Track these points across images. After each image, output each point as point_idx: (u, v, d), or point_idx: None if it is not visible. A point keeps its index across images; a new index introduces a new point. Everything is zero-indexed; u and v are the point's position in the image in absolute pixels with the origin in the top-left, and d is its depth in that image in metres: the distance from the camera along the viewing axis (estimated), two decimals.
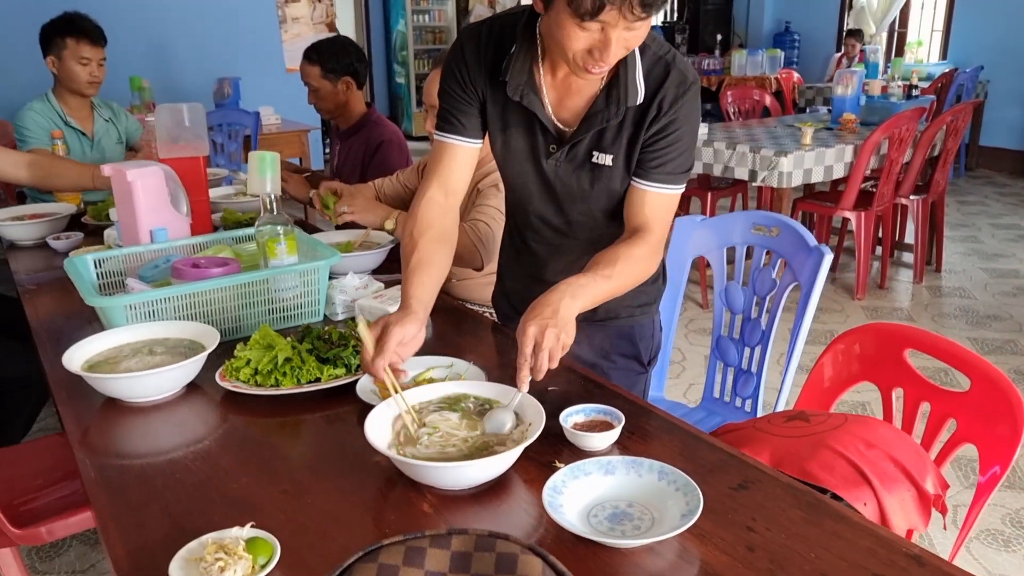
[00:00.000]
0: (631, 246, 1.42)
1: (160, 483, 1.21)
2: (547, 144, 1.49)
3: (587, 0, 1.18)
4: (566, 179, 1.51)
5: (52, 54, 3.03)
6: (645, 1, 1.18)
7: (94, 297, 1.61)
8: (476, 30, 1.49)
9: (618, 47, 1.26)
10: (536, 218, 1.60)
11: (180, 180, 2.07)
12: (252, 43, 6.16)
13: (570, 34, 1.25)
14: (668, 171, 1.45)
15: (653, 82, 1.40)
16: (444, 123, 1.52)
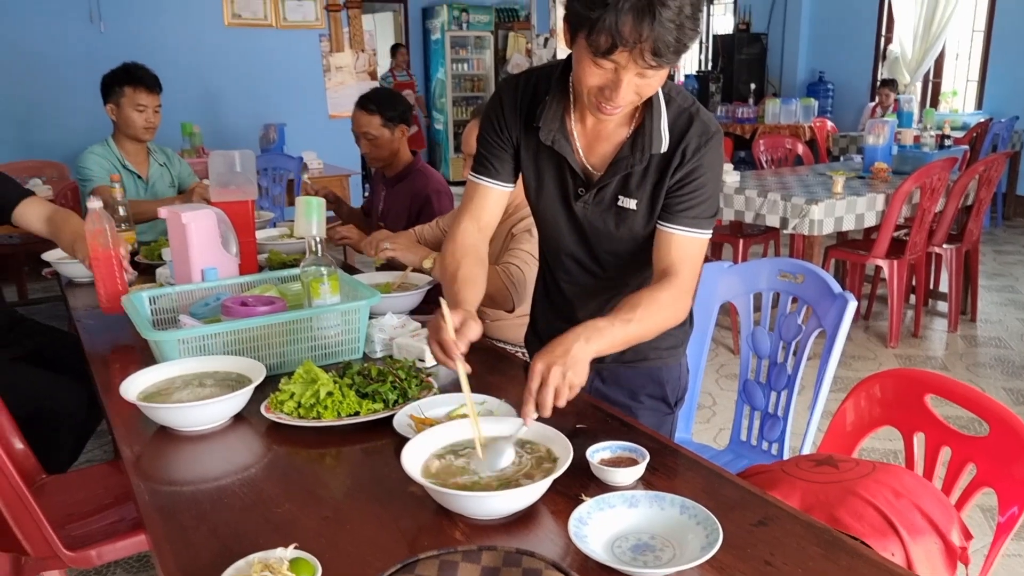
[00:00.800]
0: (655, 291, 1.46)
1: (209, 507, 1.29)
2: (576, 187, 1.57)
3: (601, 38, 1.26)
4: (594, 220, 1.58)
5: (112, 102, 3.20)
6: (656, 50, 1.25)
7: (150, 331, 1.71)
8: (514, 81, 1.60)
9: (628, 90, 1.34)
10: (567, 257, 1.68)
11: (230, 222, 2.18)
12: (298, 91, 6.39)
13: (586, 69, 1.34)
14: (693, 215, 1.50)
15: (677, 132, 1.48)
16: (480, 167, 1.63)
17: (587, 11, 1.26)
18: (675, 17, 1.24)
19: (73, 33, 5.52)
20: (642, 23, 1.23)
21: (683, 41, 1.27)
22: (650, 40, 1.24)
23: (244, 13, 6.10)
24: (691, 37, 1.28)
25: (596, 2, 1.25)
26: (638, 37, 1.24)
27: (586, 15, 1.27)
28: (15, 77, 5.06)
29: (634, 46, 1.25)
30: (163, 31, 5.77)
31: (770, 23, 9.61)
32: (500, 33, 10.47)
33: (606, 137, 1.53)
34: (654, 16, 1.22)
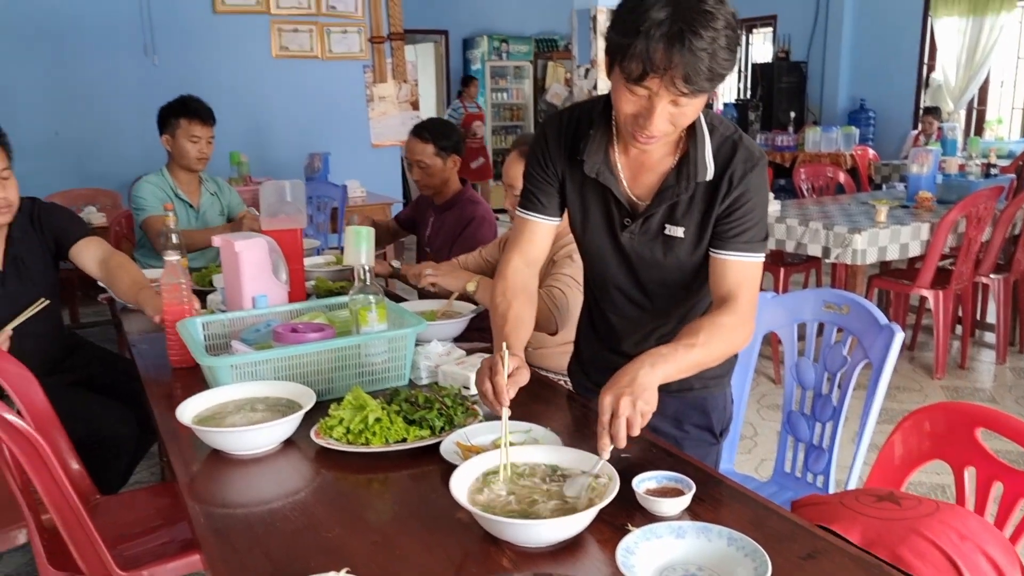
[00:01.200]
0: (717, 316, 1.49)
1: (261, 530, 1.32)
2: (622, 217, 1.59)
3: (633, 64, 1.30)
4: (640, 250, 1.60)
5: (167, 133, 3.31)
6: (688, 77, 1.28)
7: (205, 357, 1.76)
8: (557, 118, 1.64)
9: (662, 119, 1.36)
10: (614, 288, 1.70)
11: (280, 250, 2.24)
12: (342, 120, 6.51)
13: (621, 97, 1.38)
14: (745, 240, 1.52)
15: (722, 160, 1.51)
16: (527, 202, 1.67)
17: (621, 38, 1.31)
18: (708, 46, 1.26)
19: (128, 66, 5.70)
20: (672, 50, 1.26)
21: (716, 70, 1.29)
22: (681, 67, 1.27)
23: (291, 46, 6.26)
24: (725, 67, 1.30)
25: (630, 29, 1.29)
26: (668, 64, 1.27)
27: (620, 42, 1.32)
28: (72, 109, 5.23)
29: (664, 72, 1.28)
30: (214, 64, 5.95)
31: (810, 51, 9.59)
32: (539, 63, 10.58)
33: (651, 167, 1.55)
34: (684, 43, 1.26)
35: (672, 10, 1.26)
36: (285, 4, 6.19)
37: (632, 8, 1.30)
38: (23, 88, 5.10)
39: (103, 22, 5.61)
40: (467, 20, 10.22)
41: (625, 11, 1.32)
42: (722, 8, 1.29)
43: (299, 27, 6.27)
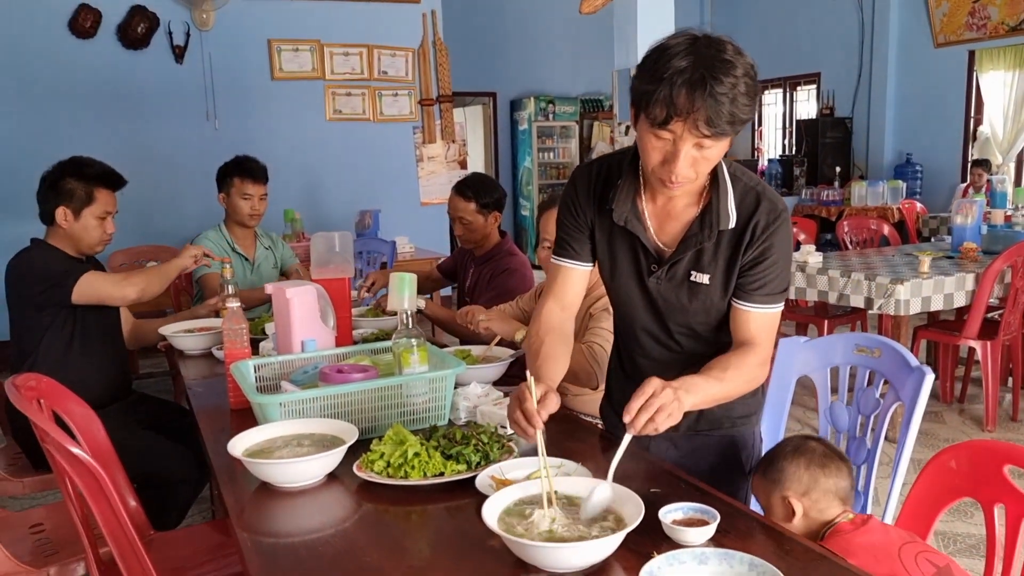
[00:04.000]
0: (741, 355, 1.60)
1: (306, 555, 1.39)
2: (649, 263, 1.67)
3: (657, 109, 1.39)
4: (667, 295, 1.67)
5: (223, 191, 3.50)
6: (710, 120, 1.37)
7: (255, 395, 1.86)
8: (587, 169, 1.73)
9: (686, 162, 1.44)
10: (641, 332, 1.76)
11: (329, 298, 2.35)
12: (392, 179, 6.74)
13: (647, 143, 1.46)
14: (767, 292, 1.61)
15: (745, 210, 1.58)
16: (560, 249, 1.76)
17: (646, 86, 1.40)
18: (728, 91, 1.36)
19: (190, 130, 6.02)
20: (695, 94, 1.34)
21: (737, 114, 1.38)
22: (703, 110, 1.35)
23: (344, 109, 6.54)
24: (745, 112, 1.39)
25: (654, 77, 1.38)
26: (691, 107, 1.35)
27: (645, 89, 1.40)
28: (138, 170, 5.47)
29: (688, 116, 1.36)
30: (271, 127, 6.23)
31: (854, 107, 9.63)
32: (585, 123, 10.79)
33: (676, 216, 1.63)
34: (706, 88, 1.34)
35: (694, 59, 1.36)
36: (339, 70, 6.48)
37: (655, 59, 1.40)
38: (94, 151, 5.34)
39: (169, 90, 5.96)
40: (515, 82, 10.50)
41: (649, 62, 1.42)
42: (741, 58, 1.39)
43: (352, 91, 6.55)
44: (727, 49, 1.39)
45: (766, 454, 1.72)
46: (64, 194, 2.60)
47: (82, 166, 2.65)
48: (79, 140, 5.48)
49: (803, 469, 1.62)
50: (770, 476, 1.65)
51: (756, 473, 1.71)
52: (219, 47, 6.04)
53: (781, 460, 1.64)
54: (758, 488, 1.69)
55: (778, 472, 1.63)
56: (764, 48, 10.64)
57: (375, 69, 6.61)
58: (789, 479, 1.62)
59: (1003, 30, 8.20)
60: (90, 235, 2.64)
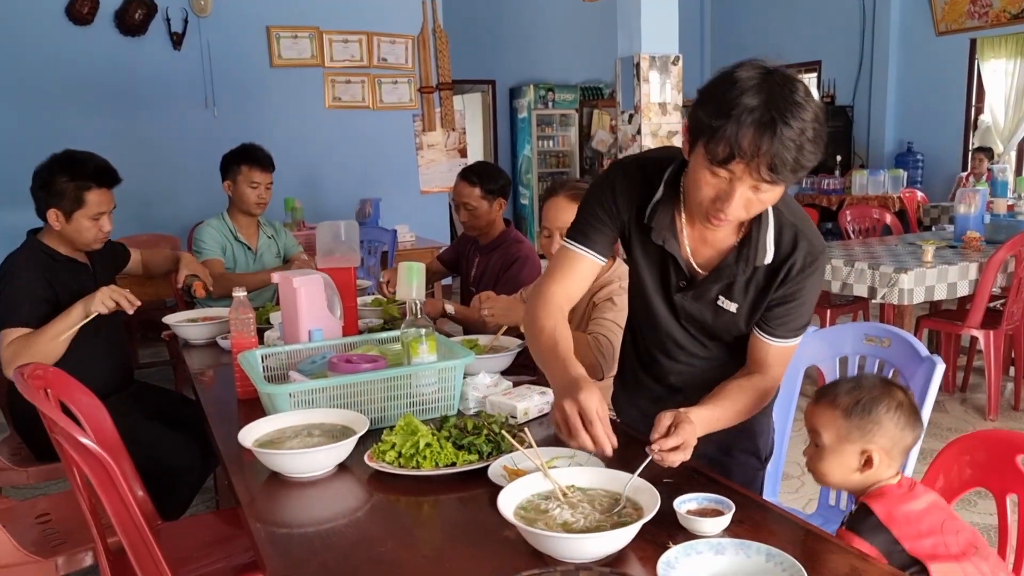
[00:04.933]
0: (755, 381, 1.63)
1: (319, 544, 1.39)
2: (678, 280, 1.63)
3: (720, 147, 1.30)
4: (691, 311, 1.66)
5: (228, 178, 3.47)
6: (773, 166, 1.29)
7: (265, 385, 1.85)
8: (626, 168, 1.64)
9: (739, 203, 1.38)
10: (663, 331, 1.74)
11: (335, 287, 2.34)
12: (392, 168, 6.71)
13: (701, 178, 1.39)
14: (790, 328, 1.61)
15: (784, 248, 1.53)
16: (581, 236, 1.65)
17: (710, 119, 1.31)
18: (796, 136, 1.28)
19: (189, 118, 5.98)
20: (762, 137, 1.27)
21: (801, 161, 1.30)
22: (768, 155, 1.28)
23: (344, 97, 6.50)
24: (810, 159, 1.31)
25: (720, 112, 1.29)
26: (756, 150, 1.28)
27: (708, 123, 1.32)
28: (138, 160, 5.49)
29: (751, 159, 1.29)
30: (270, 115, 6.20)
31: (855, 95, 9.61)
32: (585, 111, 10.76)
33: (713, 243, 1.59)
34: (775, 132, 1.26)
35: (766, 97, 1.28)
36: (339, 57, 6.44)
37: (724, 91, 1.31)
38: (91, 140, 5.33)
39: (167, 77, 5.91)
40: (514, 70, 10.45)
41: (717, 94, 1.33)
42: (812, 101, 1.31)
43: (351, 79, 6.51)
44: (799, 90, 1.31)
45: (845, 389, 1.48)
46: (55, 195, 2.50)
47: (75, 163, 2.54)
48: (76, 128, 5.47)
49: (899, 427, 1.46)
50: (860, 424, 1.44)
51: (825, 406, 1.49)
52: (217, 34, 5.99)
53: (878, 408, 1.44)
54: (826, 423, 1.48)
55: (873, 424, 1.44)
56: (765, 35, 10.62)
57: (375, 56, 6.58)
58: (883, 433, 1.45)
59: (1005, 18, 8.18)
60: (84, 236, 2.57)
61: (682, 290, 1.63)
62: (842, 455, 1.47)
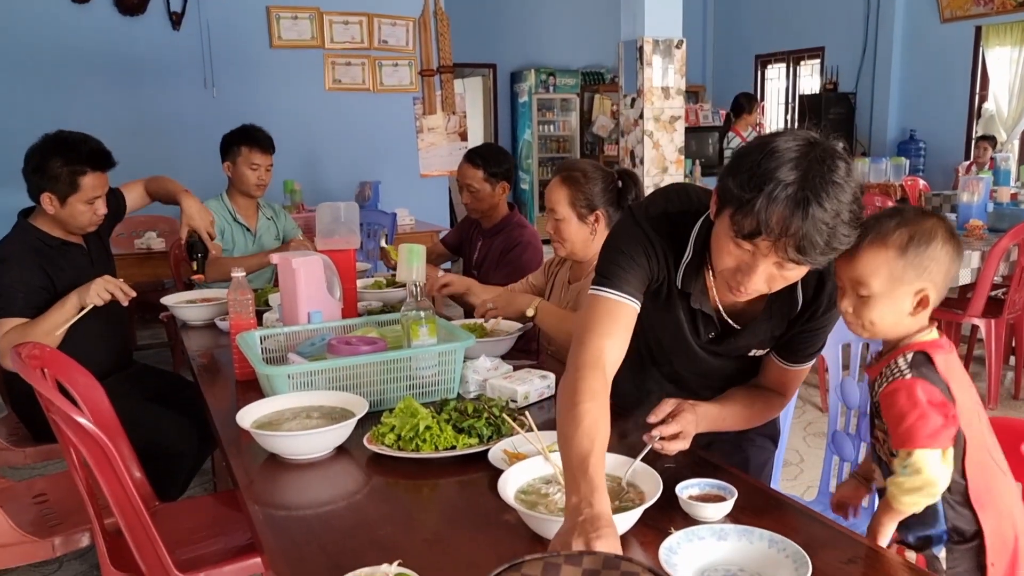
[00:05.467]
0: (769, 396, 1.65)
1: (318, 527, 1.38)
2: (708, 332, 1.60)
3: (747, 220, 1.22)
4: (716, 351, 1.62)
5: (228, 160, 3.44)
6: (801, 248, 1.21)
7: (264, 366, 1.84)
8: (658, 223, 1.51)
9: (761, 279, 1.31)
10: (676, 364, 1.71)
11: (335, 269, 2.32)
12: (392, 150, 6.67)
13: (723, 246, 1.32)
14: (807, 354, 1.61)
15: (808, 291, 1.50)
16: (621, 283, 1.48)
17: (740, 191, 1.23)
18: (830, 220, 1.20)
19: (188, 99, 5.94)
20: (793, 216, 1.19)
21: (833, 244, 1.22)
22: (797, 236, 1.20)
23: (344, 79, 6.46)
24: (844, 242, 1.24)
25: (752, 184, 1.21)
26: (785, 230, 1.20)
27: (738, 194, 1.23)
28: (136, 140, 5.47)
29: (779, 238, 1.21)
30: (269, 96, 6.15)
31: (858, 82, 9.56)
32: (586, 95, 10.70)
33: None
34: (807, 213, 1.18)
35: (802, 175, 1.19)
36: (339, 39, 6.39)
37: (759, 162, 1.22)
38: (87, 118, 5.29)
39: (165, 57, 5.86)
40: (515, 54, 10.39)
41: (751, 163, 1.24)
42: (850, 180, 1.23)
43: (352, 61, 6.46)
44: (839, 168, 1.22)
45: (891, 225, 1.30)
46: (49, 179, 2.45)
47: (69, 146, 2.49)
48: (74, 107, 5.42)
49: (952, 259, 1.31)
50: (917, 261, 1.28)
51: (872, 247, 1.30)
52: (217, 14, 5.93)
53: (934, 242, 1.28)
54: (877, 266, 1.30)
55: (930, 260, 1.28)
56: (768, 21, 10.56)
57: (375, 38, 6.52)
58: (939, 269, 1.30)
59: (1010, 5, 8.11)
60: (78, 220, 2.54)
61: (712, 340, 1.61)
62: (895, 299, 1.31)
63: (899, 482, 1.29)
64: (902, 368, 1.32)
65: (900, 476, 1.29)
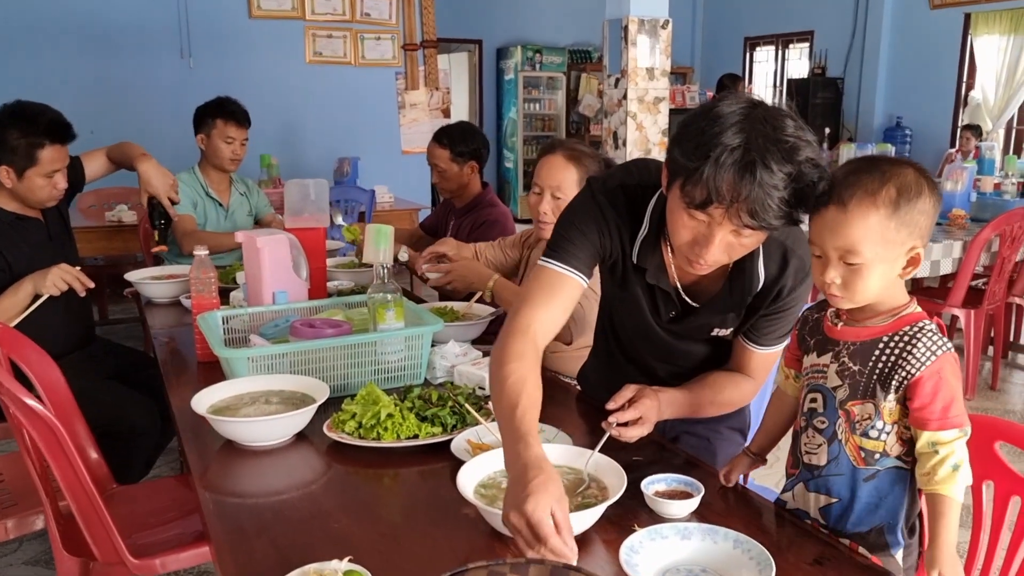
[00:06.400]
0: (738, 379, 1.61)
1: (270, 518, 1.32)
2: (668, 311, 1.55)
3: (697, 190, 1.20)
4: (678, 332, 1.59)
5: (202, 132, 3.35)
6: (753, 212, 1.18)
7: (222, 349, 1.78)
8: (614, 195, 1.49)
9: (719, 249, 1.28)
10: (641, 349, 1.68)
11: (302, 248, 2.25)
12: (372, 126, 6.57)
13: (678, 220, 1.29)
14: (776, 336, 1.56)
15: (772, 269, 1.45)
16: (567, 255, 1.47)
17: (687, 160, 1.20)
18: (780, 181, 1.17)
19: (164, 68, 5.81)
20: (743, 181, 1.16)
21: (784, 208, 1.19)
22: (749, 200, 1.17)
23: (325, 51, 6.34)
24: (802, 203, 1.20)
25: (698, 152, 1.19)
26: (736, 195, 1.18)
27: (685, 164, 1.21)
28: (107, 108, 5.35)
29: (731, 204, 1.19)
30: (248, 68, 6.03)
31: (846, 67, 9.51)
32: (572, 74, 10.60)
33: (702, 275, 1.49)
34: (755, 176, 1.16)
35: (746, 137, 1.17)
36: (320, 10, 6.26)
37: (702, 130, 1.20)
38: (60, 86, 5.21)
39: (141, 25, 5.73)
40: (501, 30, 10.26)
41: (694, 131, 1.21)
42: (801, 137, 1.19)
43: (333, 33, 6.34)
44: (786, 127, 1.19)
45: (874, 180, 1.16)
46: (6, 151, 2.36)
47: (27, 117, 2.39)
48: (46, 76, 5.29)
49: (936, 208, 1.20)
50: (908, 218, 1.16)
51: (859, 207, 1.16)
52: None
53: (923, 194, 1.16)
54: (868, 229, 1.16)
55: (920, 213, 1.17)
56: (757, 3, 10.48)
57: (357, 11, 6.40)
58: (927, 222, 1.19)
59: None
60: (37, 195, 2.45)
61: (673, 320, 1.57)
62: (889, 262, 1.19)
63: (957, 463, 1.17)
64: (939, 341, 1.20)
65: (954, 458, 1.17)
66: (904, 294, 1.27)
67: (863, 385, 1.24)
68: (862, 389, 1.25)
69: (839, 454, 1.28)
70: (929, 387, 1.18)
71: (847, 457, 1.27)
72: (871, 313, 1.26)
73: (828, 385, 1.29)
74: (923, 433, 1.19)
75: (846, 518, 1.28)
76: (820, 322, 1.33)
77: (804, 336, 1.36)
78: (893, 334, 1.23)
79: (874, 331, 1.25)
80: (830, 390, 1.28)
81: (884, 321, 1.25)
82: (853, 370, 1.25)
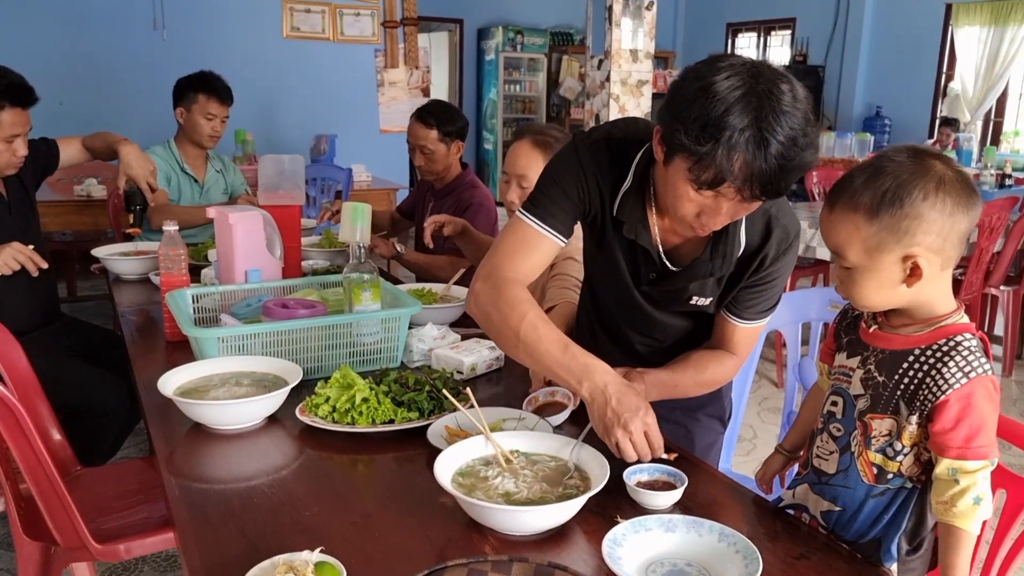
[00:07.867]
0: (721, 358, 1.56)
1: (238, 505, 1.27)
2: (648, 272, 1.52)
3: (709, 173, 1.19)
4: (659, 299, 1.55)
5: (182, 106, 3.25)
6: (766, 188, 1.19)
7: (191, 328, 1.71)
8: (597, 147, 1.47)
9: (726, 217, 1.29)
10: (622, 321, 1.64)
11: (276, 226, 2.19)
12: (350, 104, 6.46)
13: (683, 195, 1.27)
14: (760, 310, 1.52)
15: (756, 236, 1.43)
16: (543, 212, 1.47)
17: (695, 144, 1.18)
18: (788, 150, 1.17)
19: (137, 40, 5.66)
20: (755, 160, 1.16)
21: (794, 171, 1.19)
22: (762, 175, 1.17)
23: (303, 27, 6.21)
24: (808, 166, 1.21)
25: (706, 136, 1.16)
26: (749, 173, 1.17)
27: (694, 148, 1.18)
28: (78, 80, 5.20)
29: (744, 183, 1.19)
30: (223, 41, 5.90)
31: (827, 56, 9.52)
32: (554, 56, 10.52)
33: (685, 239, 1.47)
34: (767, 153, 1.15)
35: (754, 116, 1.15)
36: None
37: (707, 109, 1.16)
38: (28, 56, 5.03)
39: None
40: (483, 10, 10.15)
41: (698, 113, 1.17)
42: (798, 102, 1.18)
43: (311, 8, 6.21)
44: (784, 93, 1.18)
45: (864, 179, 1.13)
46: None
47: None
48: (11, 45, 5.11)
49: (947, 214, 1.09)
50: (892, 224, 1.09)
51: (843, 211, 1.13)
52: None
53: (911, 196, 1.08)
54: (848, 234, 1.13)
55: (910, 219, 1.09)
56: None
57: None
58: (927, 229, 1.09)
59: None
60: None
61: (652, 282, 1.53)
62: (879, 271, 1.13)
63: (979, 496, 1.09)
64: (975, 361, 1.11)
65: (977, 489, 1.09)
66: (948, 301, 1.17)
67: (885, 399, 1.17)
68: (884, 403, 1.18)
69: (850, 466, 1.22)
70: (953, 412, 1.09)
71: (857, 471, 1.22)
72: (906, 320, 1.18)
73: (851, 391, 1.23)
74: (943, 459, 1.11)
75: (847, 527, 1.25)
76: (857, 321, 1.27)
77: (840, 332, 1.31)
78: (926, 347, 1.15)
79: (907, 340, 1.17)
80: (852, 397, 1.22)
81: (919, 331, 1.16)
82: (878, 381, 1.18)
